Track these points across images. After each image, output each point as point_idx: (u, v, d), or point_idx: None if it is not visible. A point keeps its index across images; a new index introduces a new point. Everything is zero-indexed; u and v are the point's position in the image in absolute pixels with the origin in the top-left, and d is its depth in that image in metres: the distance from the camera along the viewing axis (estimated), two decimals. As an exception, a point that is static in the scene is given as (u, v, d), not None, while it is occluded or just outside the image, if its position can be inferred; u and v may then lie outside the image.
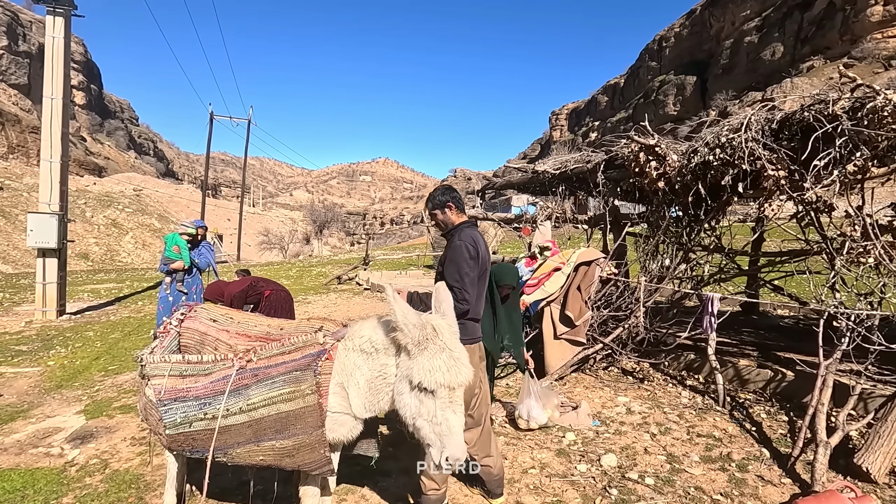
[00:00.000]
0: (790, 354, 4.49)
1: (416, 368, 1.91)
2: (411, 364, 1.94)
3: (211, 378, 2.24)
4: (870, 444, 2.99)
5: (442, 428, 1.88)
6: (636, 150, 4.90)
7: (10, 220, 32.09)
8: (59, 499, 2.98)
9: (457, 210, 2.80)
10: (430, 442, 1.92)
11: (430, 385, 1.88)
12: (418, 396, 1.93)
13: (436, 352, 1.92)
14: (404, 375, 1.98)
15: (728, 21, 59.04)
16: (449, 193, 2.83)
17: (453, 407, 1.91)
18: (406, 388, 1.96)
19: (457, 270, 2.63)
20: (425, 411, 1.91)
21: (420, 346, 1.94)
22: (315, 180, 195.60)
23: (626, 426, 3.91)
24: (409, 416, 1.96)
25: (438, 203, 2.81)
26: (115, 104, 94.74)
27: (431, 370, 1.89)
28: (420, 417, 1.92)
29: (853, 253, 3.49)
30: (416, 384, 1.91)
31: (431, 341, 1.94)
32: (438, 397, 1.90)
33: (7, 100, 60.62)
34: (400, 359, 2.04)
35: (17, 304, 10.95)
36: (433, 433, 1.89)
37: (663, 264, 5.04)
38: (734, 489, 2.97)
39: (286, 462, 2.22)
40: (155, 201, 46.45)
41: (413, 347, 1.94)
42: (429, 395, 1.91)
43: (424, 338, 1.94)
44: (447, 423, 1.88)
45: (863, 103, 3.48)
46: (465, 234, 2.70)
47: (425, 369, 1.90)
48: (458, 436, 1.89)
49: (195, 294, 6.66)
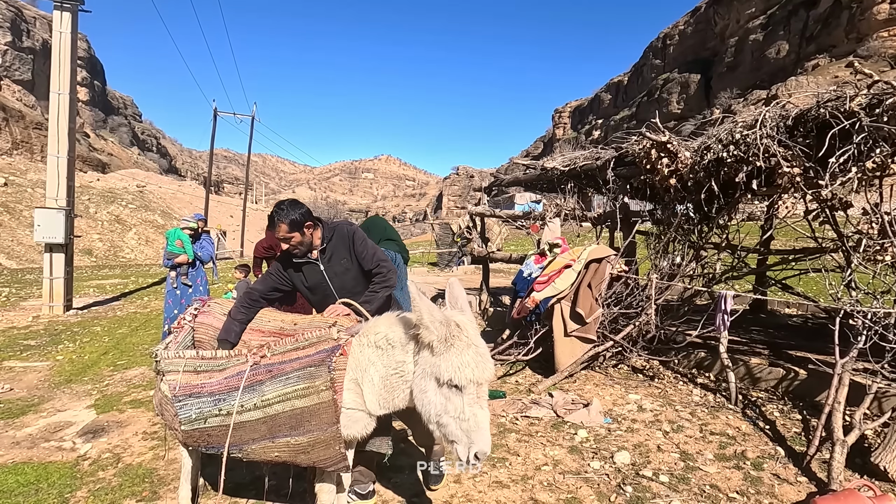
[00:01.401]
0: (803, 353, 4.46)
1: (445, 365, 1.89)
2: (437, 361, 1.92)
3: (225, 374, 2.23)
4: (887, 442, 2.97)
5: (470, 424, 1.87)
6: (647, 147, 4.87)
7: (14, 216, 32.19)
8: (73, 492, 2.98)
9: (313, 227, 2.63)
10: (455, 439, 1.90)
11: (460, 381, 1.87)
12: (445, 393, 1.91)
13: (463, 348, 1.90)
14: (429, 373, 1.95)
15: (733, 19, 58.75)
16: (299, 209, 2.57)
17: (480, 402, 1.90)
18: (431, 385, 1.94)
19: (374, 251, 2.70)
20: (452, 408, 1.89)
21: (446, 343, 1.91)
22: (317, 177, 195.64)
23: (638, 424, 3.89)
24: (434, 413, 1.93)
25: (296, 222, 2.53)
26: (119, 100, 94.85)
27: (461, 366, 1.87)
28: (447, 414, 1.90)
29: (870, 251, 3.46)
30: (446, 381, 1.89)
31: (457, 338, 1.92)
32: (466, 393, 1.88)
33: (11, 96, 60.71)
34: (420, 356, 2.01)
35: (23, 300, 10.99)
36: (460, 430, 1.88)
37: (674, 262, 5.01)
38: (750, 487, 2.95)
39: (301, 458, 2.20)
40: (158, 198, 46.53)
41: (439, 344, 1.92)
42: (456, 392, 1.89)
43: (450, 334, 1.92)
44: (475, 419, 1.87)
45: (880, 99, 3.45)
46: (340, 227, 2.73)
47: (454, 366, 1.87)
48: (486, 431, 1.89)
49: (200, 286, 6.70)
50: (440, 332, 1.92)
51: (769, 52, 52.22)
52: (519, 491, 2.99)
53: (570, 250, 5.25)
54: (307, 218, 2.58)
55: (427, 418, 1.98)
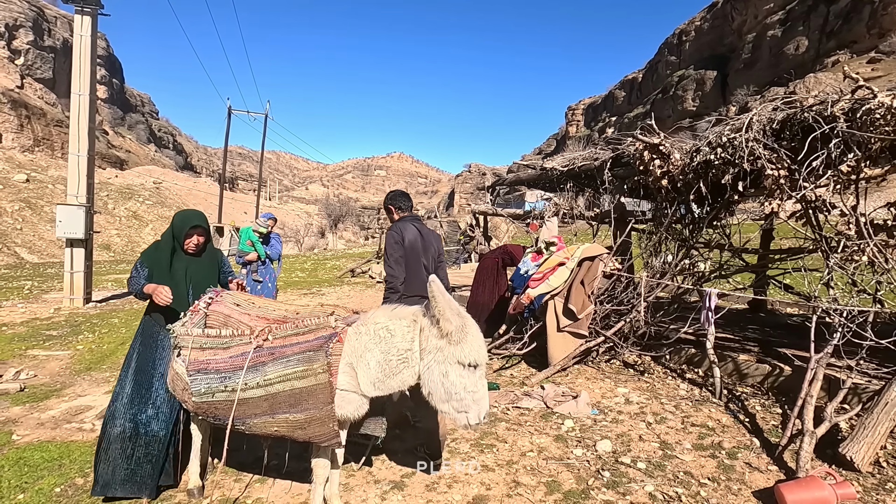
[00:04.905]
0: (788, 350, 4.58)
1: (468, 349, 2.28)
2: (458, 348, 2.28)
3: (230, 353, 2.46)
4: (855, 434, 3.11)
5: (479, 394, 2.32)
6: (641, 149, 5.01)
7: (35, 211, 33.11)
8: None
9: (397, 211, 3.57)
10: (465, 409, 2.32)
11: (480, 361, 2.32)
12: (464, 374, 2.30)
13: (475, 334, 2.32)
14: (451, 359, 2.30)
15: (751, 14, 57.81)
16: (398, 200, 3.59)
17: (484, 376, 2.39)
18: (454, 368, 2.30)
19: (387, 254, 3.35)
20: (470, 384, 2.30)
21: (463, 332, 2.29)
22: (330, 174, 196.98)
23: (624, 415, 4.06)
24: (454, 392, 2.30)
25: (385, 206, 3.67)
26: (136, 98, 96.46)
27: (479, 348, 2.31)
28: (465, 390, 2.30)
29: (848, 251, 3.58)
30: (469, 362, 2.28)
31: (469, 326, 2.30)
32: (479, 370, 2.33)
33: (33, 94, 62.16)
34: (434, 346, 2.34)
35: (45, 292, 11.44)
36: (472, 400, 2.31)
37: (665, 260, 5.15)
38: (722, 474, 3.11)
39: (298, 434, 2.43)
40: (174, 194, 47.39)
41: (457, 333, 2.28)
42: (472, 371, 2.31)
43: (465, 324, 2.30)
44: (483, 390, 2.35)
45: (861, 105, 3.56)
46: (395, 226, 3.43)
47: (474, 349, 2.29)
48: (487, 397, 2.40)
49: (269, 282, 6.97)
50: (457, 323, 2.29)
51: (787, 48, 51.31)
52: (503, 474, 3.18)
53: (566, 248, 5.42)
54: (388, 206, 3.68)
55: (444, 398, 2.34)
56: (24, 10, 66.12)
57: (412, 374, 2.41)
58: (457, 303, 2.41)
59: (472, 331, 2.32)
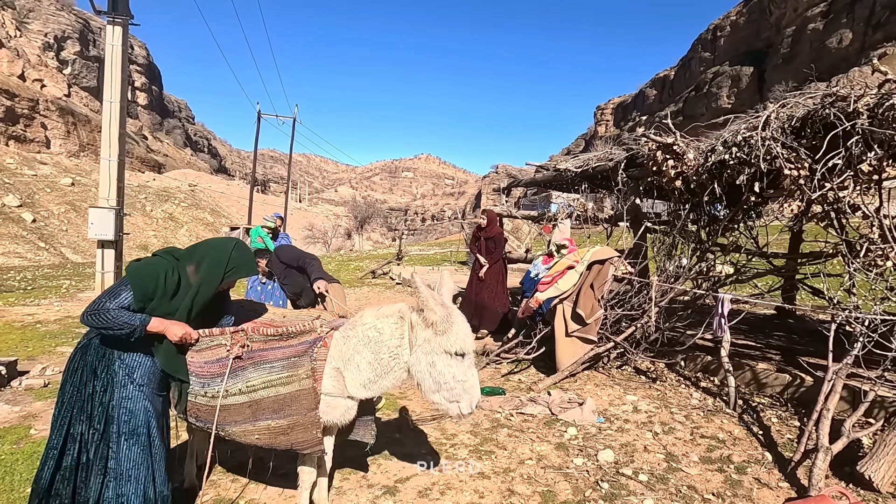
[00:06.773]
0: (807, 359, 4.35)
1: (454, 339, 2.30)
2: (443, 338, 2.31)
3: (204, 357, 2.39)
4: (875, 451, 2.91)
5: (469, 383, 2.34)
6: (654, 149, 4.85)
7: (80, 214, 34.72)
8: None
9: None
10: (457, 398, 2.34)
11: (467, 349, 2.33)
12: (451, 363, 2.31)
13: (461, 323, 2.34)
14: (437, 350, 2.30)
15: (790, 7, 55.60)
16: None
17: (473, 366, 2.40)
18: (441, 358, 2.30)
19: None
20: (459, 373, 2.32)
21: (448, 322, 2.28)
22: (359, 176, 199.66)
23: (630, 424, 3.93)
24: (443, 382, 2.31)
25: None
26: (174, 104, 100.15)
27: (465, 337, 2.32)
28: (454, 379, 2.31)
29: (871, 256, 3.36)
30: (455, 351, 2.30)
31: (454, 316, 2.30)
32: (466, 359, 2.34)
33: (79, 101, 65.33)
34: (421, 338, 2.34)
35: (80, 291, 11.96)
36: (462, 389, 2.33)
37: (679, 264, 4.96)
38: (727, 490, 2.96)
39: (281, 440, 2.39)
40: (208, 196, 48.93)
41: (442, 323, 2.29)
42: (459, 360, 2.32)
43: (449, 314, 2.29)
44: (473, 378, 2.37)
45: (886, 100, 3.35)
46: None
47: (460, 338, 2.31)
48: (478, 385, 2.41)
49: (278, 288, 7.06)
50: (441, 313, 2.29)
51: (830, 41, 49.13)
52: (498, 482, 3.12)
53: (576, 251, 5.30)
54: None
55: (434, 388, 2.35)
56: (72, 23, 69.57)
57: (404, 369, 2.43)
58: (441, 295, 2.41)
59: (457, 320, 2.32)
